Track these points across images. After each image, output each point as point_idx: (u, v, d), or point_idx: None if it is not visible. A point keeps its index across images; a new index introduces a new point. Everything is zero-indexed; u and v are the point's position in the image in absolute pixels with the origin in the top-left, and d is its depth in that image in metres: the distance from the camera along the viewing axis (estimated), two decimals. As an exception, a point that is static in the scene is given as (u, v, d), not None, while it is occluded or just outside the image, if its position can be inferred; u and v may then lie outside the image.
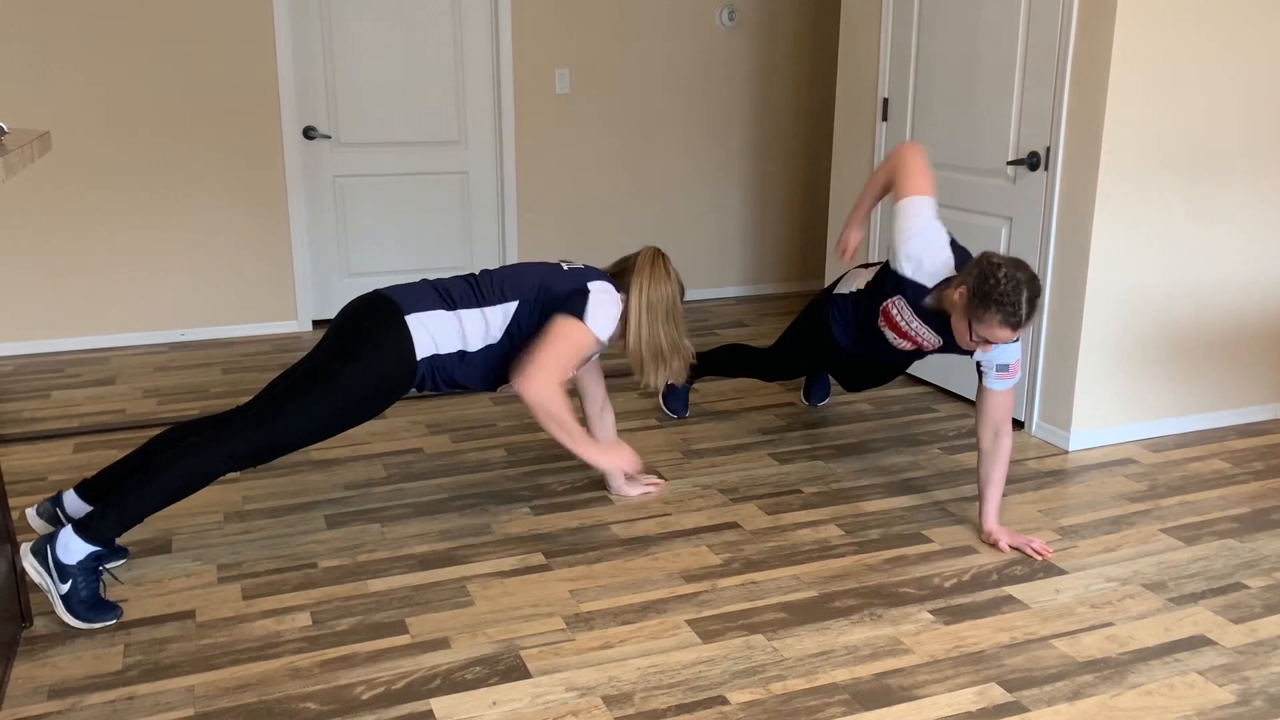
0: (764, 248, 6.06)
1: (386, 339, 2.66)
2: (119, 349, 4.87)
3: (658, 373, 2.91)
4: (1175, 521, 3.12)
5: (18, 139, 2.38)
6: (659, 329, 2.87)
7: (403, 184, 5.29)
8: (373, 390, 2.68)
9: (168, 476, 2.54)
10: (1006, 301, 2.59)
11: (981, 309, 2.63)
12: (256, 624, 2.51)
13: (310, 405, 2.63)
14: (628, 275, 2.89)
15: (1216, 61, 3.49)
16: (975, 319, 2.66)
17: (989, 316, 2.62)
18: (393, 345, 2.66)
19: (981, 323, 2.65)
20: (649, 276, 2.87)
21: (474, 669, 2.33)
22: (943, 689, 2.27)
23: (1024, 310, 2.61)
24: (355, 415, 2.70)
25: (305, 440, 2.67)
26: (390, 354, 2.66)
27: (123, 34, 4.63)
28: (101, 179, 4.74)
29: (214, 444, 2.59)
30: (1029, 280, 2.61)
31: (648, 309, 2.86)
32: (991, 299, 2.60)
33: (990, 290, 2.60)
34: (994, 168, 3.86)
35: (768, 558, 2.86)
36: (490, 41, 5.26)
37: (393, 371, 2.68)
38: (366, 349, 2.65)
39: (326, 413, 2.65)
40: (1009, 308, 2.59)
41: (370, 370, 2.65)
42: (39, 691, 2.23)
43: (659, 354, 2.89)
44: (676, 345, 2.91)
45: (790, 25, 5.77)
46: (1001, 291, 2.59)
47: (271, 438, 2.62)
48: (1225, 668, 2.36)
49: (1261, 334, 3.89)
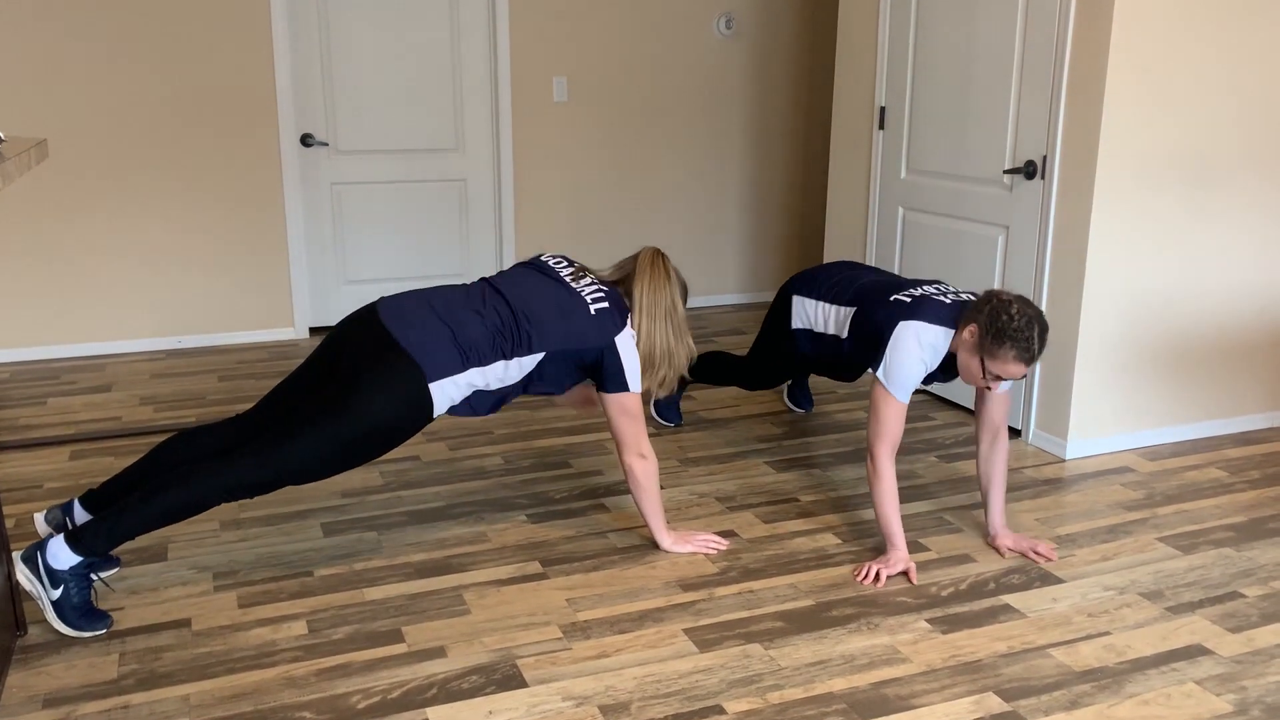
0: (761, 255, 6.07)
1: (407, 405, 2.57)
2: (116, 356, 4.86)
3: (648, 377, 2.86)
4: (1172, 530, 3.12)
5: (14, 146, 2.38)
6: (657, 333, 2.83)
7: (400, 191, 5.29)
8: (385, 444, 2.63)
9: (164, 501, 2.50)
10: (1021, 338, 2.60)
11: (995, 346, 2.64)
12: (252, 632, 2.50)
13: (319, 453, 2.55)
14: (629, 280, 2.85)
15: (1212, 70, 3.50)
16: (989, 356, 2.66)
17: (1003, 353, 2.63)
18: (413, 411, 2.59)
19: (995, 359, 2.65)
20: (650, 279, 2.82)
21: (470, 678, 2.32)
22: (940, 698, 2.26)
23: (1037, 346, 2.63)
24: (360, 462, 2.65)
25: (305, 481, 2.63)
26: (410, 416, 2.60)
27: (120, 42, 4.63)
28: (99, 186, 4.74)
29: (216, 475, 2.52)
30: (1038, 316, 2.64)
31: (649, 312, 2.82)
32: (1006, 336, 2.61)
33: (1004, 327, 2.61)
34: (990, 176, 3.87)
35: (765, 566, 2.86)
36: (488, 49, 5.26)
37: (407, 427, 2.62)
38: (385, 411, 2.55)
39: (334, 461, 2.58)
40: (1023, 344, 2.61)
41: (388, 431, 2.59)
42: (34, 700, 2.22)
43: (651, 359, 2.84)
44: (671, 351, 2.84)
45: (787, 34, 5.78)
46: (1015, 328, 2.60)
47: (274, 477, 2.56)
48: (1222, 677, 2.36)
49: (1258, 342, 3.89)
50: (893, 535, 2.83)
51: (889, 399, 2.80)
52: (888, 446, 2.81)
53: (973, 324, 2.70)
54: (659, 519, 2.91)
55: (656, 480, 2.87)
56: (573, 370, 2.77)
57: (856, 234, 4.62)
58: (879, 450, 2.81)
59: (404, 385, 2.55)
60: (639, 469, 2.83)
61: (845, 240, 4.68)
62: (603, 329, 2.72)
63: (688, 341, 2.89)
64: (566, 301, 2.72)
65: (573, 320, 2.70)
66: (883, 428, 2.81)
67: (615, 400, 2.77)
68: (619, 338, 2.74)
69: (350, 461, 2.61)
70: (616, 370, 2.74)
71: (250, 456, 2.55)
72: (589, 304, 2.73)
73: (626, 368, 2.75)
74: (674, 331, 2.85)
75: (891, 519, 2.82)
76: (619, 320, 2.75)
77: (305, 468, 2.57)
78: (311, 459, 2.55)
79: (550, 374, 2.74)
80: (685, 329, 2.88)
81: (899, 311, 2.86)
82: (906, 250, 4.34)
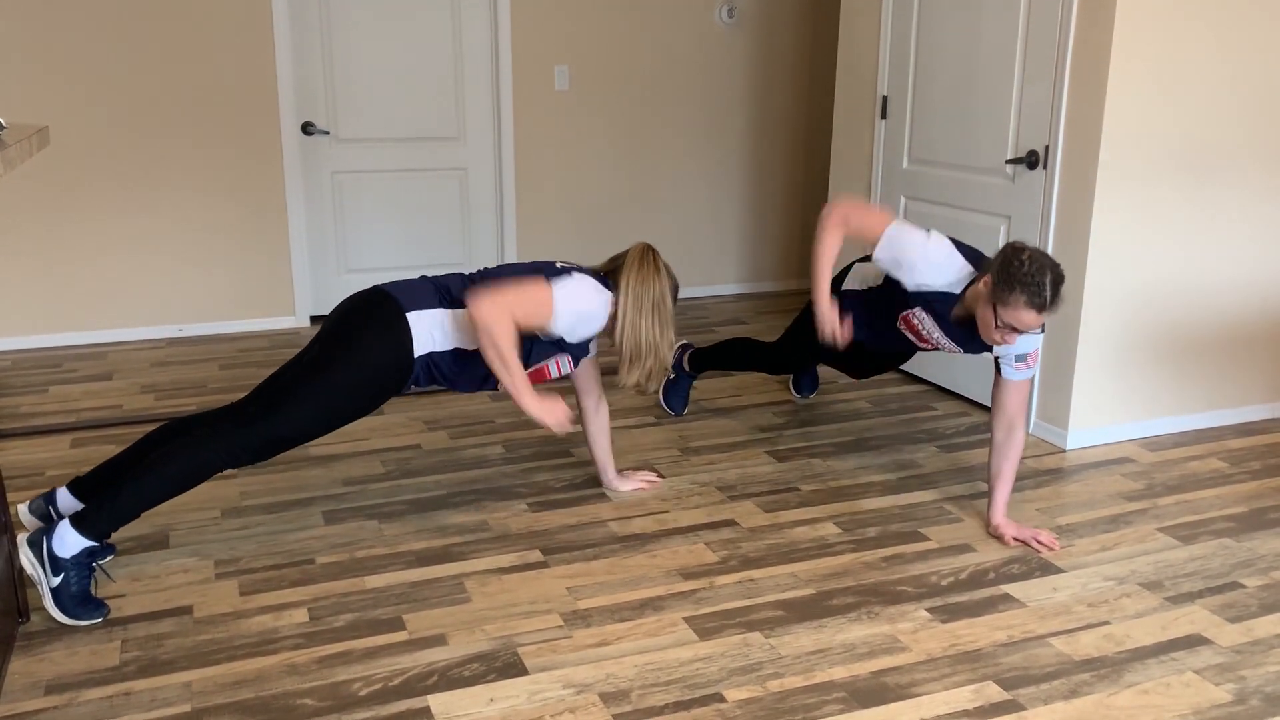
0: (763, 245, 6.06)
1: (385, 334, 2.66)
2: (117, 344, 4.86)
3: (630, 371, 2.87)
4: (1172, 521, 3.12)
5: (16, 134, 2.37)
6: (641, 324, 2.84)
7: (401, 180, 5.28)
8: (368, 385, 2.68)
9: (164, 471, 2.54)
10: (1031, 282, 2.61)
11: (1006, 291, 2.64)
12: (254, 620, 2.50)
13: (306, 400, 2.63)
14: (618, 273, 2.88)
15: (1216, 59, 3.49)
16: (1000, 303, 2.67)
17: (1014, 299, 2.63)
18: (391, 341, 2.66)
19: (1007, 306, 2.65)
20: (636, 271, 2.85)
21: (471, 666, 2.33)
22: (940, 687, 2.27)
23: (1049, 291, 2.62)
24: (351, 409, 2.70)
25: (301, 435, 2.67)
26: (388, 349, 2.67)
27: (121, 28, 4.62)
28: (99, 173, 4.73)
29: (211, 440, 2.59)
30: (1053, 265, 2.64)
31: (633, 303, 2.84)
32: (1016, 280, 2.62)
33: (1015, 272, 2.62)
34: (993, 166, 3.86)
35: (765, 555, 2.86)
36: (489, 37, 5.25)
37: (390, 366, 2.68)
38: (364, 344, 2.66)
39: (322, 407, 2.65)
40: (1034, 288, 2.61)
41: (367, 365, 2.66)
42: (36, 687, 2.23)
43: (637, 351, 2.85)
44: (655, 345, 2.86)
45: (789, 22, 5.76)
46: (1026, 273, 2.61)
47: (268, 433, 2.62)
48: (1221, 667, 2.36)
49: (1260, 333, 3.89)
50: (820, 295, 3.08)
51: (887, 216, 2.99)
52: (842, 213, 3.03)
53: (987, 275, 2.72)
54: (513, 375, 2.72)
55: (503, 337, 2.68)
56: None
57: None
58: (833, 209, 3.04)
59: (380, 317, 2.67)
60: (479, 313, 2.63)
61: (847, 230, 4.67)
62: (563, 270, 2.82)
63: (670, 335, 2.90)
64: (541, 264, 2.85)
65: (541, 269, 2.81)
66: (858, 206, 3.03)
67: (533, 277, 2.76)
68: (578, 273, 2.81)
69: (341, 408, 2.68)
70: (556, 275, 2.77)
71: (247, 418, 2.63)
72: (557, 264, 2.86)
73: (565, 280, 2.76)
74: (659, 324, 2.87)
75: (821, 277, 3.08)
76: (587, 272, 2.85)
77: (300, 419, 2.64)
78: (301, 407, 2.63)
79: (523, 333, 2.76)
80: (670, 323, 2.90)
81: None
82: (908, 240, 4.33)
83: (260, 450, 2.64)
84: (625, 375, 2.88)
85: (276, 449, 2.66)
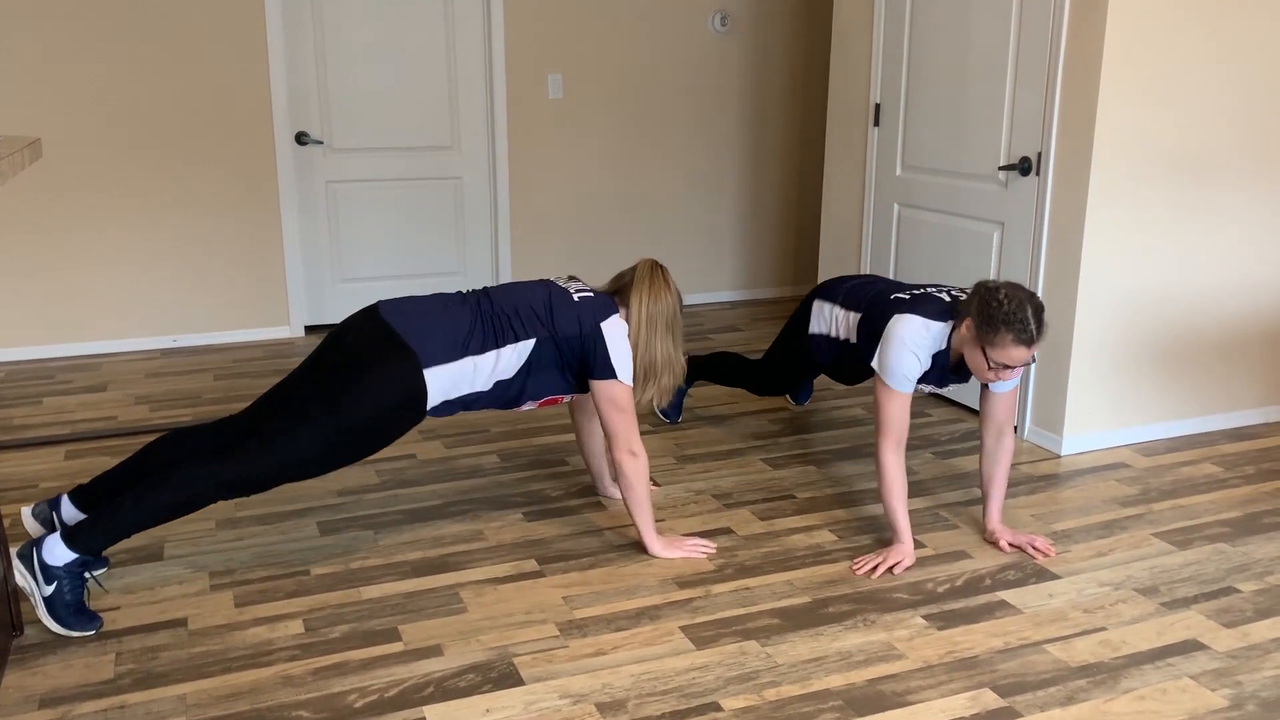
0: (757, 252, 6.07)
1: (401, 390, 2.58)
2: (111, 355, 4.85)
3: (645, 389, 2.84)
4: (1167, 526, 3.12)
5: (8, 146, 2.37)
6: (656, 342, 2.82)
7: (395, 189, 5.28)
8: (379, 436, 2.64)
9: (159, 498, 2.50)
10: (1014, 320, 2.59)
11: (992, 334, 2.62)
12: (249, 631, 2.50)
13: (313, 444, 2.56)
14: (627, 290, 2.84)
15: (1207, 65, 3.50)
16: (988, 345, 2.64)
17: (1001, 339, 2.61)
18: (407, 396, 2.60)
19: (995, 347, 2.63)
20: (649, 289, 2.82)
21: (467, 676, 2.32)
22: (936, 694, 2.27)
23: (1033, 326, 2.60)
24: (355, 457, 2.67)
25: (301, 478, 2.64)
26: (404, 406, 2.61)
27: (114, 39, 4.62)
28: (93, 184, 4.72)
29: (210, 470, 2.53)
30: (1029, 297, 2.63)
31: (647, 322, 2.80)
32: (999, 321, 2.60)
33: (995, 313, 2.60)
34: (986, 172, 3.87)
35: (761, 563, 2.86)
36: (483, 46, 5.26)
37: (404, 421, 2.64)
38: (379, 399, 2.57)
39: (329, 454, 2.59)
40: (1019, 325, 2.59)
41: (381, 419, 2.60)
42: (30, 700, 2.22)
43: (652, 369, 2.83)
44: (670, 360, 2.84)
45: (782, 31, 5.78)
46: (1007, 312, 2.59)
47: (270, 472, 2.57)
48: (1217, 672, 2.36)
49: (1253, 338, 3.90)
50: (898, 529, 2.84)
51: (888, 391, 2.81)
52: (891, 441, 2.82)
53: (967, 318, 2.70)
54: (648, 521, 2.88)
55: (646, 479, 2.84)
56: (566, 362, 2.76)
57: (852, 230, 4.62)
58: (882, 445, 2.83)
59: (398, 370, 2.58)
60: (629, 466, 2.80)
61: (841, 237, 4.68)
62: (588, 313, 2.75)
63: (680, 356, 2.89)
64: (552, 294, 2.78)
65: (557, 309, 2.74)
66: (885, 422, 2.82)
67: (604, 389, 2.76)
68: (606, 323, 2.75)
69: (344, 454, 2.62)
70: (604, 356, 2.73)
71: (247, 452, 2.55)
72: (573, 294, 2.78)
73: (614, 353, 2.74)
74: (673, 342, 2.85)
75: (896, 511, 2.83)
76: (606, 308, 2.78)
77: (300, 461, 2.57)
78: (306, 451, 2.56)
79: (539, 366, 2.73)
80: (680, 340, 2.89)
81: (896, 307, 2.88)
82: (902, 247, 4.34)
83: (255, 486, 2.59)
84: (640, 395, 2.84)
85: (272, 486, 2.61)
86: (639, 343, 2.80)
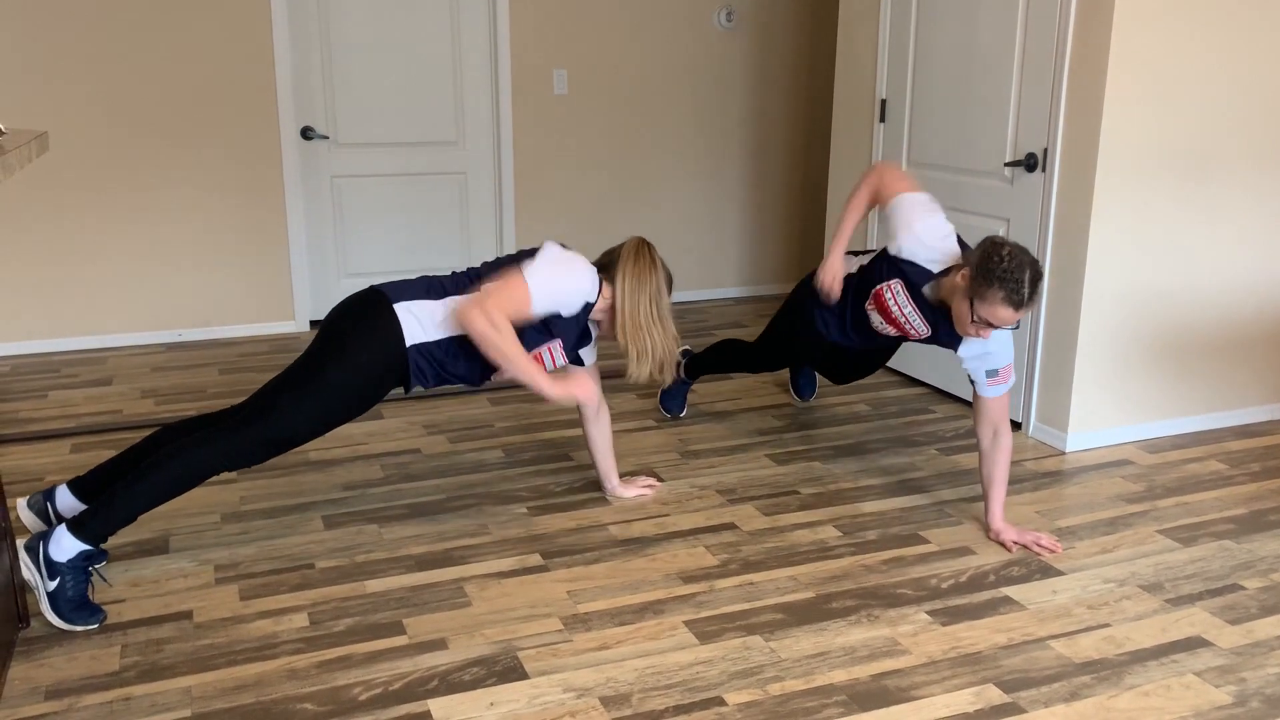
0: (762, 248, 6.06)
1: (375, 327, 2.66)
2: (116, 349, 4.86)
3: (641, 363, 2.85)
4: (1172, 523, 3.12)
5: (15, 139, 2.37)
6: (642, 317, 2.83)
7: (400, 184, 5.28)
8: (363, 379, 2.67)
9: (160, 475, 2.54)
10: (1010, 279, 2.60)
11: (984, 286, 2.63)
12: (254, 625, 2.50)
13: (302, 398, 2.63)
14: (613, 266, 2.86)
15: (1213, 63, 3.49)
16: (978, 297, 2.66)
17: (991, 294, 2.63)
18: (381, 332, 2.66)
19: (984, 301, 2.65)
20: (633, 264, 2.84)
21: (472, 670, 2.33)
22: (940, 690, 2.27)
23: (1026, 289, 2.61)
24: (348, 406, 2.70)
25: (298, 435, 2.67)
26: (379, 341, 2.66)
27: (119, 33, 4.62)
28: (98, 179, 4.73)
29: (206, 443, 2.59)
30: (1032, 262, 2.64)
31: (630, 296, 2.82)
32: (995, 275, 2.61)
33: (994, 267, 2.62)
34: (991, 169, 3.86)
35: (765, 559, 2.86)
36: (488, 42, 5.26)
37: (382, 358, 2.67)
38: (355, 338, 2.66)
39: (319, 405, 2.65)
40: (1012, 285, 2.60)
41: (360, 358, 2.65)
42: (36, 692, 2.23)
43: (641, 343, 2.84)
44: (660, 335, 2.85)
45: (788, 26, 5.77)
46: (1005, 269, 2.60)
47: (263, 434, 2.62)
48: (1222, 669, 2.36)
49: (1258, 335, 3.89)
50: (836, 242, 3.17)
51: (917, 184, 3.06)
52: (879, 171, 3.11)
53: (966, 267, 2.72)
54: (529, 366, 2.72)
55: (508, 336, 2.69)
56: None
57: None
58: (874, 167, 3.13)
59: (370, 311, 2.67)
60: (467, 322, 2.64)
61: (846, 233, 4.67)
62: (549, 247, 2.82)
63: (672, 328, 2.89)
64: (527, 252, 2.85)
65: (525, 256, 2.80)
66: (897, 170, 3.09)
67: (507, 272, 2.73)
68: (559, 247, 2.82)
69: (336, 402, 2.67)
70: (532, 258, 2.77)
71: (242, 419, 2.63)
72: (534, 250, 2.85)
73: (538, 260, 2.76)
74: (659, 316, 2.86)
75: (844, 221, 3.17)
76: (573, 253, 2.85)
77: (292, 419, 2.64)
78: (297, 406, 2.63)
79: None
80: (669, 315, 2.89)
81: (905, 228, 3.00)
82: (907, 243, 4.33)
83: (255, 452, 2.64)
84: (636, 369, 2.85)
85: (272, 451, 2.66)
86: (625, 318, 2.82)
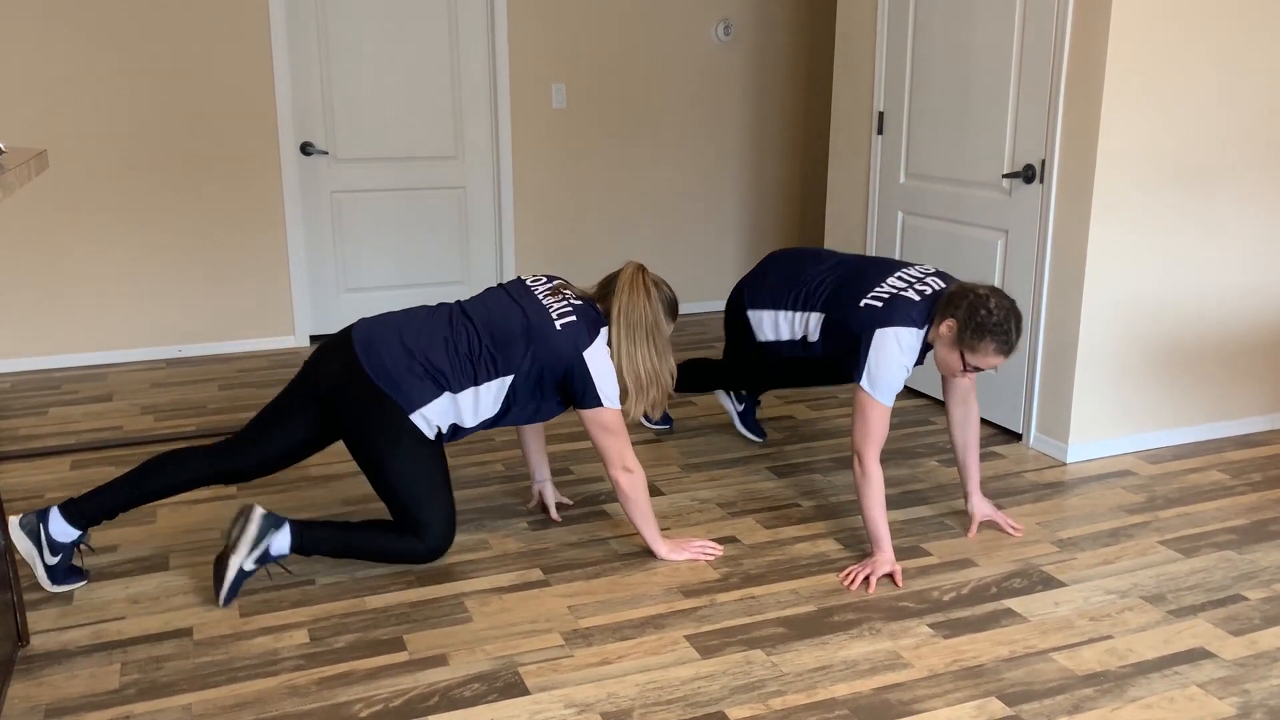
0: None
1: (405, 437, 2.69)
2: (116, 365, 4.87)
3: (637, 403, 2.77)
4: (1174, 533, 3.11)
5: (15, 158, 2.38)
6: (638, 355, 2.74)
7: (400, 199, 5.29)
8: (429, 460, 2.76)
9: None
10: (1000, 331, 2.68)
11: (976, 340, 2.70)
12: (254, 641, 2.50)
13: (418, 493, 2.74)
14: (609, 299, 2.77)
15: (1210, 74, 3.50)
16: (969, 350, 2.73)
17: (984, 346, 2.70)
18: (410, 438, 2.70)
19: (976, 353, 2.72)
20: (627, 297, 2.74)
21: (472, 686, 2.32)
22: (942, 703, 2.26)
23: (1015, 336, 2.71)
24: (433, 456, 2.77)
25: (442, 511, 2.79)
26: (416, 442, 2.71)
27: (119, 51, 4.64)
28: (98, 195, 4.74)
29: (407, 557, 2.79)
30: (1013, 307, 2.72)
31: (626, 333, 2.73)
32: (987, 329, 2.68)
33: (985, 321, 2.68)
34: (989, 180, 3.87)
35: (766, 572, 2.85)
36: (487, 57, 5.27)
37: (428, 448, 2.75)
38: (385, 449, 2.70)
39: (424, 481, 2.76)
40: (1003, 336, 2.69)
41: (417, 459, 2.72)
42: (36, 711, 2.22)
43: (638, 382, 2.75)
44: (656, 372, 2.77)
45: (785, 39, 5.79)
46: (995, 322, 2.68)
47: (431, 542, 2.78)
48: (1225, 680, 2.35)
49: (1258, 345, 3.89)
50: (879, 538, 2.83)
51: (875, 404, 2.82)
52: (875, 449, 2.84)
53: (950, 319, 2.74)
54: (652, 528, 2.89)
55: (645, 492, 2.83)
56: (548, 391, 2.75)
57: (856, 239, 4.62)
58: (867, 453, 2.83)
59: (394, 424, 2.67)
60: (625, 483, 2.80)
61: (845, 245, 4.68)
62: (569, 343, 2.68)
63: (670, 361, 2.81)
64: (533, 320, 2.70)
65: (537, 338, 2.68)
66: (870, 432, 2.82)
67: (592, 417, 2.74)
68: (588, 351, 2.69)
69: (428, 466, 2.74)
70: (587, 384, 2.70)
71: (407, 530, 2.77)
72: (555, 320, 2.70)
73: (598, 381, 2.70)
74: (656, 352, 2.76)
75: (879, 521, 2.84)
76: (588, 334, 2.70)
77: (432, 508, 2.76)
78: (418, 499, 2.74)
79: (524, 396, 2.74)
80: (668, 348, 2.81)
81: (873, 317, 2.86)
82: (906, 255, 4.34)
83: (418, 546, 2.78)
84: (632, 408, 2.77)
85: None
86: (621, 355, 2.74)
